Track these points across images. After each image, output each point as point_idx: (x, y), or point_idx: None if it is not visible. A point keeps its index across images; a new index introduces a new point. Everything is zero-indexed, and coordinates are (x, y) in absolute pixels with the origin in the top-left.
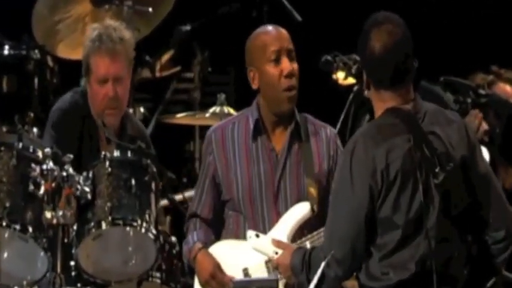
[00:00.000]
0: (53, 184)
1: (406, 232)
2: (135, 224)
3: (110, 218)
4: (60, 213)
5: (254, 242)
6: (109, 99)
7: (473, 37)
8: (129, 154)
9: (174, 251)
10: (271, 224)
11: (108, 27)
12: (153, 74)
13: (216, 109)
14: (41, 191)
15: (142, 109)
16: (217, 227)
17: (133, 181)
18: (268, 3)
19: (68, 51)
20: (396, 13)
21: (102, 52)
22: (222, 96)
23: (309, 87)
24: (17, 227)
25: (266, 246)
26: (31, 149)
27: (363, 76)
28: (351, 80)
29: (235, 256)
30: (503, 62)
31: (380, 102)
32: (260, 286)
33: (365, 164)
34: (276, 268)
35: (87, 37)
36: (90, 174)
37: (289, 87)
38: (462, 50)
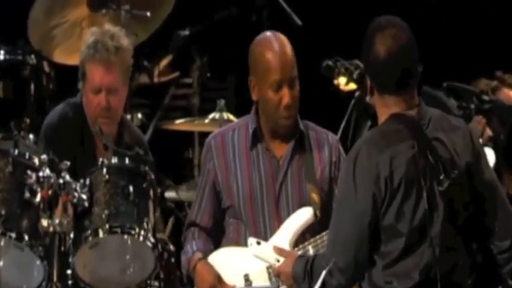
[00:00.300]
0: (50, 191)
1: (410, 240)
2: (133, 232)
3: (108, 226)
4: (56, 221)
5: (255, 249)
6: (102, 109)
7: (476, 42)
8: (127, 161)
9: (173, 260)
10: (272, 231)
11: (105, 33)
12: (151, 80)
13: (215, 115)
14: (37, 199)
15: (140, 115)
16: (216, 236)
17: (131, 188)
18: (268, 7)
19: (65, 56)
20: (398, 17)
21: (96, 61)
22: (222, 102)
23: (310, 92)
24: (13, 235)
25: (267, 253)
26: (27, 156)
27: (367, 81)
28: (353, 86)
29: (236, 263)
30: (507, 67)
31: (384, 107)
32: None
33: (368, 171)
34: (278, 276)
35: (84, 41)
36: (87, 181)
37: (286, 116)
38: (465, 55)
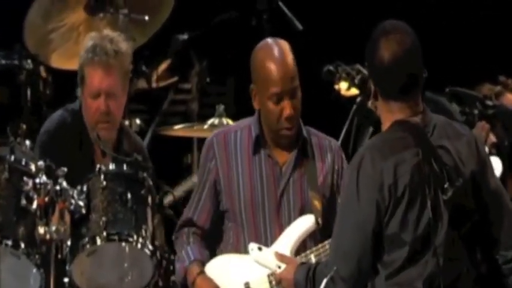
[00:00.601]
0: (46, 198)
1: (414, 249)
2: (131, 240)
3: (105, 234)
4: (53, 228)
5: (256, 255)
6: (100, 113)
7: (479, 46)
8: (125, 167)
9: (172, 268)
10: (273, 237)
11: (104, 38)
12: (150, 85)
13: (215, 121)
14: (34, 206)
15: (138, 121)
16: (212, 240)
17: (129, 195)
18: (268, 11)
19: (62, 61)
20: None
21: (95, 65)
22: (221, 107)
23: (311, 98)
24: (9, 243)
25: (269, 259)
26: (23, 162)
27: (370, 86)
28: (354, 91)
29: (236, 271)
30: (511, 72)
31: (388, 113)
32: None
33: (372, 179)
34: (279, 283)
35: (83, 46)
36: (84, 188)
37: (287, 128)
38: (468, 60)
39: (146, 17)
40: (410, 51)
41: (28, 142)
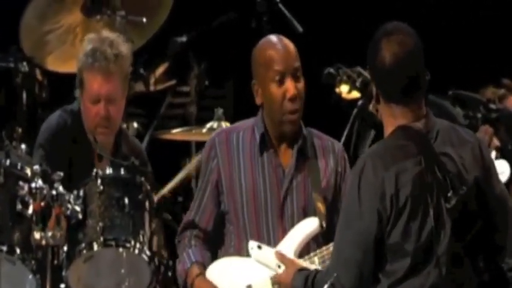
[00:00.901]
0: (42, 203)
1: (416, 259)
2: (128, 245)
3: (102, 239)
4: (49, 233)
5: (256, 254)
6: (100, 118)
7: (483, 48)
8: (122, 171)
9: (170, 274)
10: (276, 240)
11: (104, 41)
12: (147, 88)
13: (213, 124)
14: (30, 211)
15: (135, 124)
16: (214, 242)
17: (126, 200)
18: (268, 13)
19: (58, 63)
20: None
21: (95, 70)
22: (220, 110)
23: (311, 101)
24: (4, 249)
25: (269, 258)
26: (19, 166)
27: (372, 88)
28: (355, 94)
29: (237, 273)
30: None
31: (390, 117)
32: None
33: (374, 187)
34: (278, 285)
35: (82, 49)
36: (81, 192)
37: (291, 110)
38: (472, 62)
39: (144, 19)
40: (412, 52)
41: (24, 146)
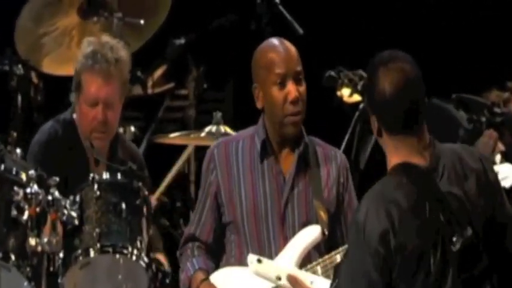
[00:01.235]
0: (38, 209)
1: None
2: (126, 252)
3: (99, 245)
4: (45, 240)
5: (256, 267)
6: (97, 122)
7: (487, 51)
8: (119, 176)
9: (168, 281)
10: (277, 249)
11: (104, 45)
12: (145, 91)
13: (212, 128)
14: (25, 216)
15: (133, 128)
16: (216, 254)
17: (123, 205)
18: (268, 14)
19: (54, 66)
20: (407, 28)
21: (95, 73)
22: (218, 114)
23: (312, 105)
24: None
25: (268, 271)
26: (14, 171)
27: (373, 123)
28: (357, 97)
29: (240, 283)
30: None
31: (393, 150)
32: None
33: (378, 238)
34: None
35: (81, 51)
36: (77, 198)
37: (293, 113)
38: (475, 65)
39: (141, 21)
40: (412, 80)
41: (19, 150)
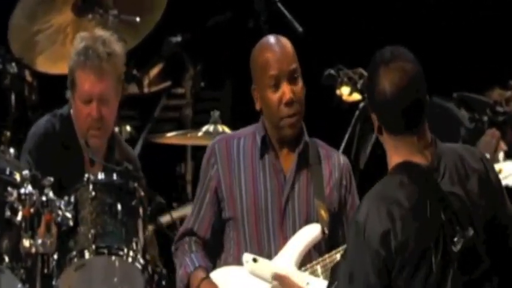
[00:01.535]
0: (32, 209)
1: None
2: (121, 253)
3: (94, 247)
4: (39, 241)
5: (251, 267)
6: (92, 119)
7: (489, 49)
8: (115, 177)
9: (164, 283)
10: (277, 247)
11: (97, 39)
12: (141, 90)
13: (210, 128)
14: (19, 217)
15: (129, 128)
16: (213, 251)
17: (119, 206)
18: (266, 12)
19: (48, 64)
20: (408, 26)
21: (87, 69)
22: (216, 113)
23: (311, 103)
24: None
25: (264, 271)
26: (7, 172)
27: (374, 121)
28: (357, 96)
29: (238, 283)
30: None
31: (394, 150)
32: None
33: (379, 238)
34: None
35: (73, 47)
36: (72, 198)
37: (289, 115)
38: (478, 63)
39: (137, 18)
40: (414, 80)
41: (12, 150)
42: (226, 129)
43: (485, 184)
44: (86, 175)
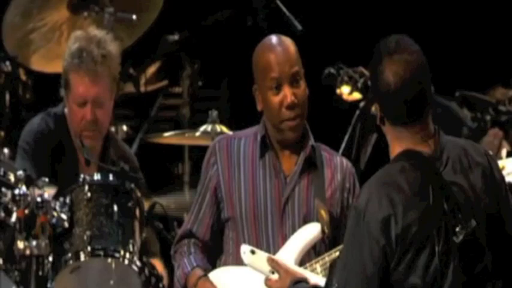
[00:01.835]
0: (26, 211)
1: None
2: (118, 255)
3: (90, 249)
4: (33, 243)
5: (249, 258)
6: (87, 122)
7: (492, 48)
8: (111, 177)
9: (161, 285)
10: (276, 248)
11: (91, 40)
12: (138, 89)
13: (208, 127)
14: (13, 219)
15: (125, 127)
16: (212, 253)
17: (115, 207)
18: (265, 9)
19: (43, 63)
20: (409, 24)
21: (81, 72)
22: (214, 113)
23: (310, 103)
24: None
25: (262, 263)
26: (1, 172)
27: (377, 112)
28: (357, 95)
29: (237, 283)
30: None
31: (396, 140)
32: None
33: (379, 225)
34: None
35: (68, 48)
36: (67, 199)
37: (289, 118)
38: (480, 61)
39: (134, 16)
40: (418, 71)
41: (6, 150)
42: (224, 129)
43: (489, 179)
44: (82, 175)
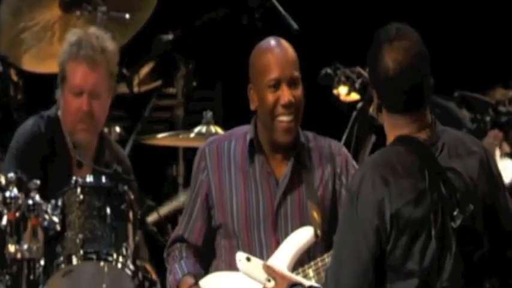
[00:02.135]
0: (17, 213)
1: (421, 281)
2: (110, 259)
3: (82, 252)
4: (25, 246)
5: (244, 266)
6: (82, 113)
7: (492, 48)
8: (104, 179)
9: None
10: (269, 253)
11: (90, 34)
12: (131, 89)
13: (202, 128)
14: (4, 222)
15: (118, 128)
16: (205, 257)
17: (108, 210)
18: (260, 9)
19: (34, 63)
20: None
21: (79, 60)
22: (209, 113)
23: (307, 104)
24: None
25: (258, 271)
26: None
27: (374, 99)
28: (355, 96)
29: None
30: None
31: (393, 128)
32: None
33: (372, 205)
34: None
35: (66, 41)
36: (59, 202)
37: (284, 115)
38: (480, 61)
39: (127, 15)
40: (417, 59)
41: None
42: (219, 130)
43: (486, 168)
44: (74, 178)
